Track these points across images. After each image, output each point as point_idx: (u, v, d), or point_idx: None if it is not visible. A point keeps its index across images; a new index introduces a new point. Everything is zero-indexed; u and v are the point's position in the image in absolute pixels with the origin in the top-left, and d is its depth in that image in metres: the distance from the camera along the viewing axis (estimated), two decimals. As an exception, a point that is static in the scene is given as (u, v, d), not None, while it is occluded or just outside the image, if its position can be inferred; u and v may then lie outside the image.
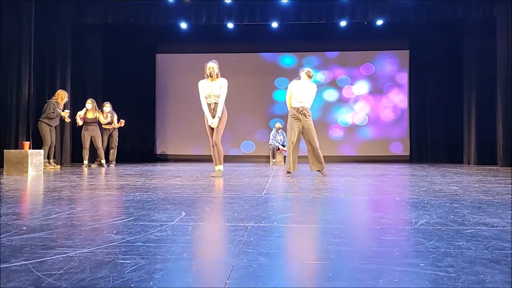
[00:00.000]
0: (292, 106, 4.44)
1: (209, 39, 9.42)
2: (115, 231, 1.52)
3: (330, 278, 1.00)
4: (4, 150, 5.07)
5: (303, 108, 4.37)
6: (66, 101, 6.58)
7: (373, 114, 9.71)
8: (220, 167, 4.35)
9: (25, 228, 1.57)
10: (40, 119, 6.19)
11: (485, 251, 1.25)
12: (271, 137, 8.63)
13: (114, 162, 7.40)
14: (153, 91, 9.96)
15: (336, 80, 9.80)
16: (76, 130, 7.20)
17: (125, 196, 2.64)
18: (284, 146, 8.23)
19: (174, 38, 9.48)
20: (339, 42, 9.55)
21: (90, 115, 6.84)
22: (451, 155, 8.96)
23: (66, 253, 1.19)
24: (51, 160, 6.31)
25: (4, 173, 4.79)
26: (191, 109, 9.34)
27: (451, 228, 1.59)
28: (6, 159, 4.90)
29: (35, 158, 5.05)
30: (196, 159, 9.48)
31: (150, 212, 1.95)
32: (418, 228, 1.59)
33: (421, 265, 1.10)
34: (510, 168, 6.53)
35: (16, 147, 5.86)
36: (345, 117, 9.74)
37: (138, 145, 9.67)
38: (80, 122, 6.81)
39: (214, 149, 4.35)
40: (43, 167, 5.31)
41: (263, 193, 2.84)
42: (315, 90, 4.48)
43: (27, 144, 5.24)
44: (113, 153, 7.42)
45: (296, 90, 4.40)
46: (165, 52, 10.01)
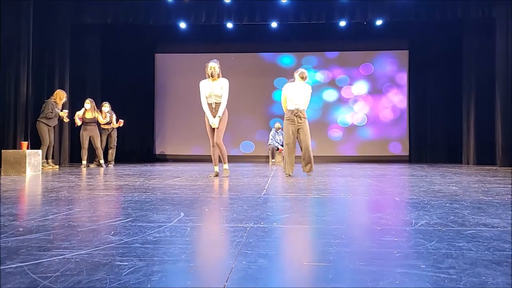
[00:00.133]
0: (288, 108, 4.46)
1: (209, 39, 9.41)
2: (113, 232, 1.50)
3: (330, 280, 0.99)
4: (2, 150, 5.05)
5: (297, 110, 4.37)
6: (65, 101, 6.57)
7: (372, 114, 9.71)
8: (226, 166, 4.40)
9: (21, 229, 1.55)
10: (38, 119, 6.17)
11: (486, 252, 1.24)
12: (271, 137, 8.62)
13: (113, 162, 7.38)
14: (152, 91, 9.94)
15: (336, 80, 9.79)
16: (75, 130, 7.18)
17: (124, 196, 2.62)
18: (283, 146, 8.22)
19: (173, 38, 9.46)
20: (338, 42, 9.55)
21: (88, 115, 6.82)
22: (450, 155, 8.96)
23: (63, 254, 1.18)
24: (50, 160, 6.29)
25: (2, 173, 4.77)
26: (190, 109, 9.33)
27: (452, 229, 1.58)
28: (4, 159, 4.88)
29: (33, 158, 5.03)
30: (195, 159, 9.46)
31: (149, 213, 1.93)
32: (418, 229, 1.58)
33: (422, 266, 1.09)
34: (509, 168, 6.53)
35: (14, 147, 5.84)
36: (344, 117, 9.74)
37: (137, 145, 9.65)
38: (78, 122, 6.79)
39: (215, 149, 4.34)
40: (41, 167, 5.29)
41: (263, 193, 2.82)
42: (310, 91, 4.46)
43: (25, 144, 5.22)
44: (111, 153, 7.39)
45: (290, 92, 4.41)
46: (165, 52, 9.99)
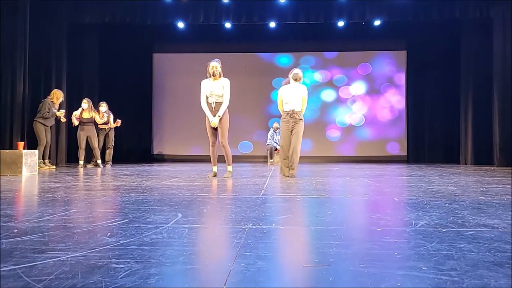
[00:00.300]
0: (284, 110, 4.48)
1: (207, 39, 9.38)
2: (109, 233, 1.48)
3: (330, 282, 0.97)
4: (-2, 150, 5.01)
5: (292, 111, 4.39)
6: (62, 101, 6.52)
7: (370, 115, 9.71)
8: (229, 168, 4.40)
9: (16, 230, 1.53)
10: (35, 119, 6.13)
11: (487, 253, 1.23)
12: (269, 137, 8.60)
13: (110, 163, 7.34)
14: (150, 90, 9.91)
15: (334, 80, 9.79)
16: (72, 130, 7.14)
17: (121, 197, 2.60)
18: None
19: (171, 37, 9.43)
20: (337, 43, 9.55)
21: (86, 115, 6.78)
22: (448, 155, 8.97)
23: (58, 257, 1.16)
24: (46, 161, 6.24)
25: (-2, 174, 4.73)
26: (188, 109, 9.30)
27: (452, 229, 1.57)
28: (0, 159, 4.84)
29: (30, 158, 5.00)
30: (193, 159, 9.43)
31: (146, 214, 1.91)
32: (418, 229, 1.57)
33: (423, 268, 1.07)
34: (507, 168, 6.54)
35: (10, 147, 5.79)
36: (342, 117, 9.73)
37: (135, 145, 9.61)
38: (75, 122, 6.75)
39: (214, 149, 4.33)
40: (37, 167, 5.26)
41: (261, 194, 2.81)
42: (305, 91, 4.46)
43: (21, 144, 5.18)
44: (109, 153, 7.36)
45: (285, 94, 4.45)
46: (162, 51, 9.96)
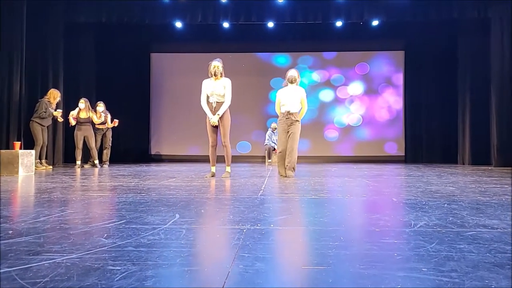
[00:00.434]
0: (280, 112, 4.51)
1: (205, 39, 9.36)
2: (106, 234, 1.46)
3: (330, 284, 0.96)
4: (-5, 150, 4.98)
5: (288, 112, 4.39)
6: (59, 101, 6.49)
7: (368, 115, 9.72)
8: (228, 169, 4.39)
9: (11, 232, 1.51)
10: (32, 119, 6.10)
11: (488, 254, 1.22)
12: (267, 137, 8.59)
13: (108, 163, 7.31)
14: (147, 90, 9.88)
15: (332, 80, 9.79)
16: (69, 130, 7.10)
17: (118, 197, 2.58)
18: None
19: (169, 37, 9.40)
20: (335, 43, 9.55)
21: (83, 115, 6.75)
22: (446, 155, 8.99)
23: (53, 259, 1.14)
24: (43, 161, 6.21)
25: (-6, 174, 4.70)
26: (186, 108, 9.27)
27: (451, 230, 1.56)
28: (-3, 160, 4.81)
29: (26, 158, 4.96)
30: (191, 160, 9.41)
31: (143, 215, 1.89)
32: (417, 230, 1.56)
33: (424, 270, 1.06)
34: (504, 168, 6.55)
35: (7, 147, 5.75)
36: (340, 117, 9.74)
37: (132, 145, 9.57)
38: (73, 122, 6.71)
39: (213, 149, 4.31)
40: (34, 167, 5.22)
41: (259, 194, 2.79)
42: (303, 94, 4.46)
43: (18, 144, 5.15)
44: (106, 153, 7.32)
45: (282, 97, 4.48)
46: (160, 51, 9.93)
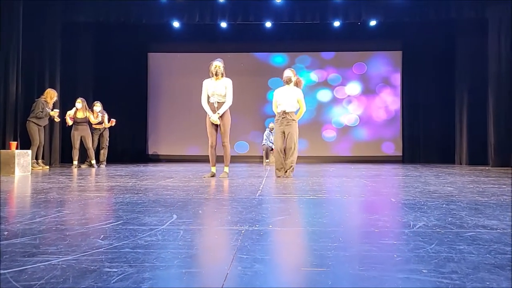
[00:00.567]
0: (276, 111, 4.53)
1: (202, 39, 9.33)
2: (102, 236, 1.45)
3: (329, 286, 0.95)
4: (-9, 150, 4.94)
5: (283, 112, 4.41)
6: (56, 100, 6.45)
7: (366, 115, 9.73)
8: (226, 169, 4.39)
9: (6, 233, 1.49)
10: (28, 119, 6.05)
11: (488, 255, 1.21)
12: (265, 137, 8.58)
13: (105, 163, 7.27)
14: (145, 90, 9.84)
15: (330, 80, 9.79)
16: (66, 130, 7.06)
17: (115, 198, 2.56)
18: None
19: (166, 37, 9.37)
20: (332, 43, 9.55)
21: (80, 115, 6.71)
22: (443, 155, 9.01)
23: (49, 260, 1.12)
24: (40, 161, 6.17)
25: (-10, 174, 4.66)
26: (184, 108, 9.24)
27: (451, 231, 1.55)
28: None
29: (22, 158, 4.93)
30: (189, 160, 9.38)
31: (140, 215, 1.88)
32: (417, 231, 1.55)
33: (424, 271, 1.05)
34: (501, 168, 6.57)
35: (3, 147, 5.71)
36: (338, 117, 9.74)
37: (130, 145, 9.53)
38: (70, 122, 6.68)
39: (213, 150, 4.30)
40: (31, 167, 5.19)
41: (257, 194, 2.78)
42: (300, 94, 4.47)
43: (14, 144, 5.11)
44: (103, 153, 7.29)
45: (279, 96, 4.50)
46: (158, 51, 9.89)
